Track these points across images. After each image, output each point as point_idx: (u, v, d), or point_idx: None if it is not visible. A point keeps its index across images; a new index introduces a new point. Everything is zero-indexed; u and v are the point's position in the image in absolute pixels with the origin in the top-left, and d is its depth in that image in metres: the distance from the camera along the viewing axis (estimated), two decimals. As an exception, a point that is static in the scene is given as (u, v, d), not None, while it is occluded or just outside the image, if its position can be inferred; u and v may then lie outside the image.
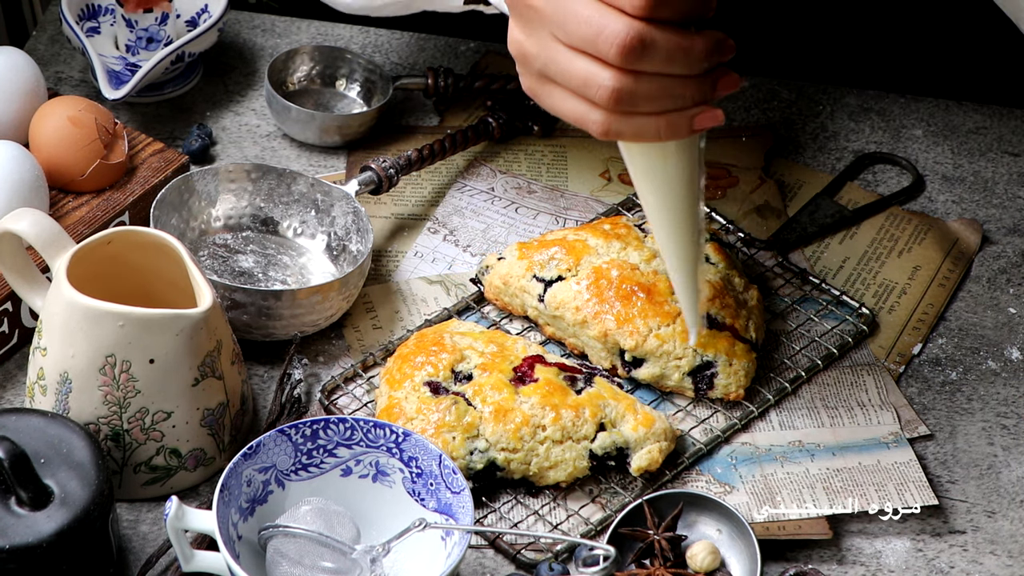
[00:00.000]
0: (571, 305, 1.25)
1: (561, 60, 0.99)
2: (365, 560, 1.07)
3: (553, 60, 0.99)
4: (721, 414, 1.25)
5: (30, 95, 1.33)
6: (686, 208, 1.06)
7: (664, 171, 1.04)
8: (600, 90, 0.98)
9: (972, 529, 1.19)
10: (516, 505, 1.18)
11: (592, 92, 0.98)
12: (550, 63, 1.00)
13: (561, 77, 1.00)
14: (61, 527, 1.04)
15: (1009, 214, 1.44)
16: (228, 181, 1.33)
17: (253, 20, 1.57)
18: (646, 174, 1.05)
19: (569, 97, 1.00)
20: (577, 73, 0.98)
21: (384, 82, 1.47)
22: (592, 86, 0.98)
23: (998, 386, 1.29)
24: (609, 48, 0.96)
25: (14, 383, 1.24)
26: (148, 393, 1.12)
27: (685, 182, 1.05)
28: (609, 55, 0.96)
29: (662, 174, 1.04)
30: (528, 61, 1.02)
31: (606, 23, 0.96)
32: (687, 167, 1.04)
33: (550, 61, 1.00)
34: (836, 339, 1.30)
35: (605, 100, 0.98)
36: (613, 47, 0.96)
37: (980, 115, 1.53)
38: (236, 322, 1.23)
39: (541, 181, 1.43)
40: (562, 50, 0.99)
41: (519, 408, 1.17)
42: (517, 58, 1.03)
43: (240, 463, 1.09)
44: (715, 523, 1.15)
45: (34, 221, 1.14)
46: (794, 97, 1.54)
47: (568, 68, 0.99)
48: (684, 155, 1.04)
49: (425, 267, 1.35)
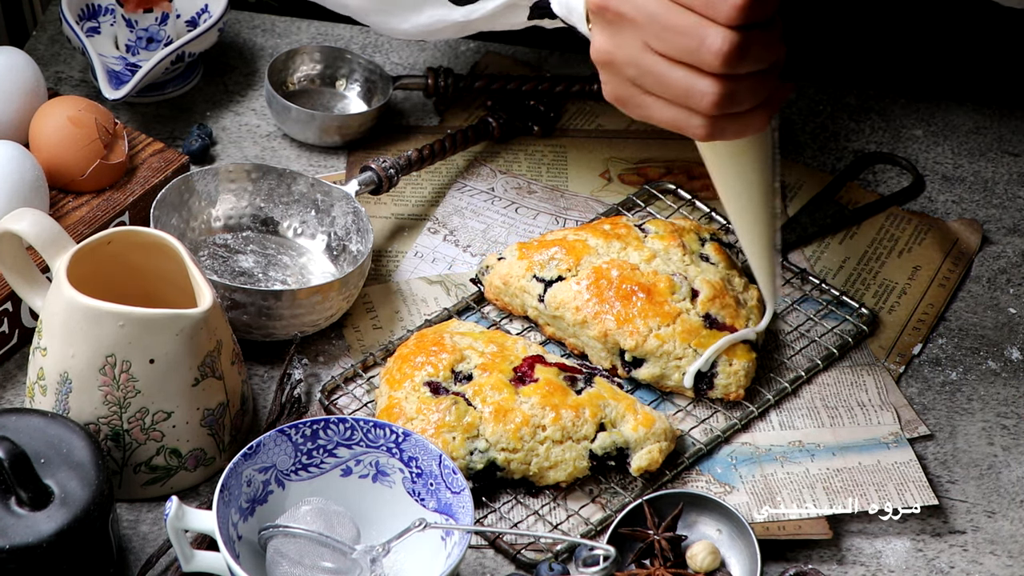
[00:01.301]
0: (571, 305, 1.25)
1: (658, 71, 1.01)
2: (365, 560, 1.07)
3: (648, 71, 1.01)
4: (721, 414, 1.25)
5: (30, 95, 1.33)
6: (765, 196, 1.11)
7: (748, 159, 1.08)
8: (704, 98, 1.00)
9: (972, 529, 1.19)
10: (516, 505, 1.18)
11: (695, 102, 1.00)
12: (645, 74, 1.02)
13: (658, 88, 1.02)
14: (61, 527, 1.04)
15: (1009, 214, 1.44)
16: (228, 181, 1.33)
17: (253, 20, 1.57)
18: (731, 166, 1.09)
19: (666, 106, 1.03)
20: (677, 83, 1.00)
21: (384, 82, 1.47)
22: (695, 95, 1.00)
23: (998, 386, 1.29)
24: (713, 59, 0.98)
25: (14, 383, 1.24)
26: (148, 393, 1.12)
27: (767, 166, 1.09)
28: (712, 65, 0.99)
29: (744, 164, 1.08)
30: (618, 70, 1.03)
31: (705, 34, 0.98)
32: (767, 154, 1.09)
33: (645, 72, 1.01)
34: (836, 339, 1.30)
35: (709, 108, 1.00)
36: (716, 58, 0.98)
37: (980, 115, 1.53)
38: (236, 322, 1.23)
39: (541, 181, 1.43)
40: (658, 60, 1.01)
41: (519, 408, 1.17)
42: (603, 66, 1.04)
43: (240, 463, 1.09)
44: (715, 523, 1.15)
45: (34, 221, 1.14)
46: (794, 97, 1.54)
47: (667, 78, 1.01)
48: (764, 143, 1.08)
49: (425, 267, 1.35)
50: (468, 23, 1.31)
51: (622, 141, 1.47)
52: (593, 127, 1.49)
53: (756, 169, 1.09)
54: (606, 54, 1.03)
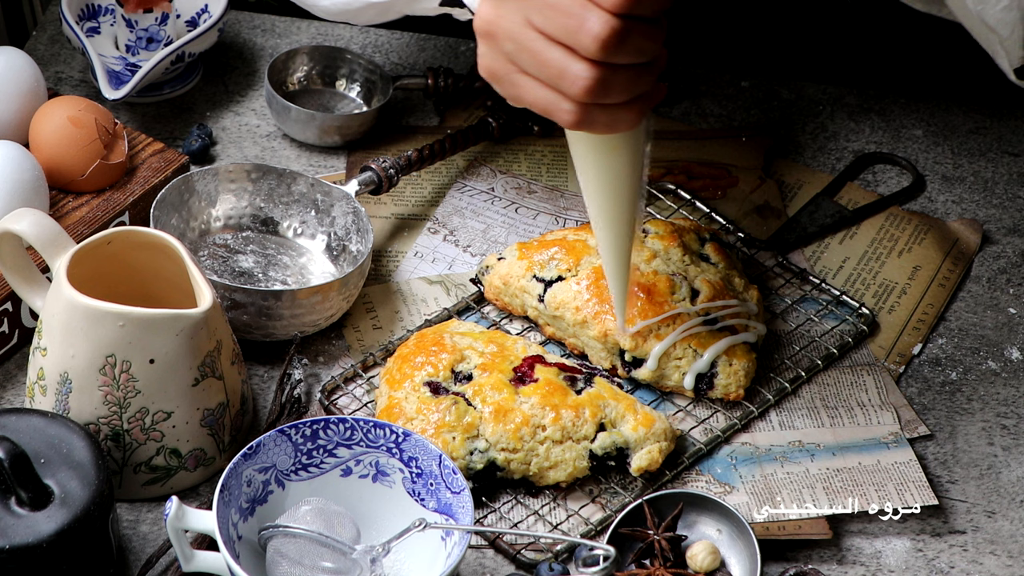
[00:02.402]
0: (571, 305, 1.25)
1: (535, 48, 0.98)
2: (365, 560, 1.07)
3: (526, 48, 0.99)
4: (721, 414, 1.25)
5: (30, 95, 1.33)
6: (630, 199, 1.07)
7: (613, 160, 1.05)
8: (577, 83, 0.98)
9: (972, 529, 1.19)
10: (516, 505, 1.18)
11: (568, 85, 0.98)
12: (522, 50, 0.99)
13: (533, 66, 0.99)
14: (61, 527, 1.04)
15: (1009, 214, 1.44)
16: (228, 181, 1.33)
17: (253, 20, 1.57)
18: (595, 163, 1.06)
19: (539, 87, 1.00)
20: (552, 63, 0.98)
21: (384, 82, 1.47)
22: (568, 78, 0.98)
23: (998, 386, 1.29)
24: (590, 42, 0.96)
25: (14, 383, 1.24)
26: (148, 393, 1.12)
27: (633, 170, 1.06)
28: (589, 49, 0.96)
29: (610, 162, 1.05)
30: (497, 42, 1.00)
31: (587, 16, 0.96)
32: (636, 155, 1.05)
33: (522, 48, 0.99)
34: (836, 339, 1.30)
35: (580, 93, 0.98)
36: (594, 41, 0.96)
37: (980, 115, 1.53)
38: (236, 322, 1.23)
39: (541, 181, 1.43)
40: (536, 38, 0.98)
41: (519, 408, 1.17)
42: (484, 36, 1.01)
43: (240, 463, 1.09)
44: (715, 523, 1.15)
45: (34, 221, 1.14)
46: (794, 97, 1.54)
47: (542, 58, 0.98)
48: (634, 143, 1.04)
49: (425, 267, 1.35)
50: (386, 4, 1.29)
51: (622, 141, 1.47)
52: (593, 127, 1.49)
53: (622, 169, 1.06)
54: (487, 24, 1.00)
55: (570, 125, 1.00)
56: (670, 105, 1.51)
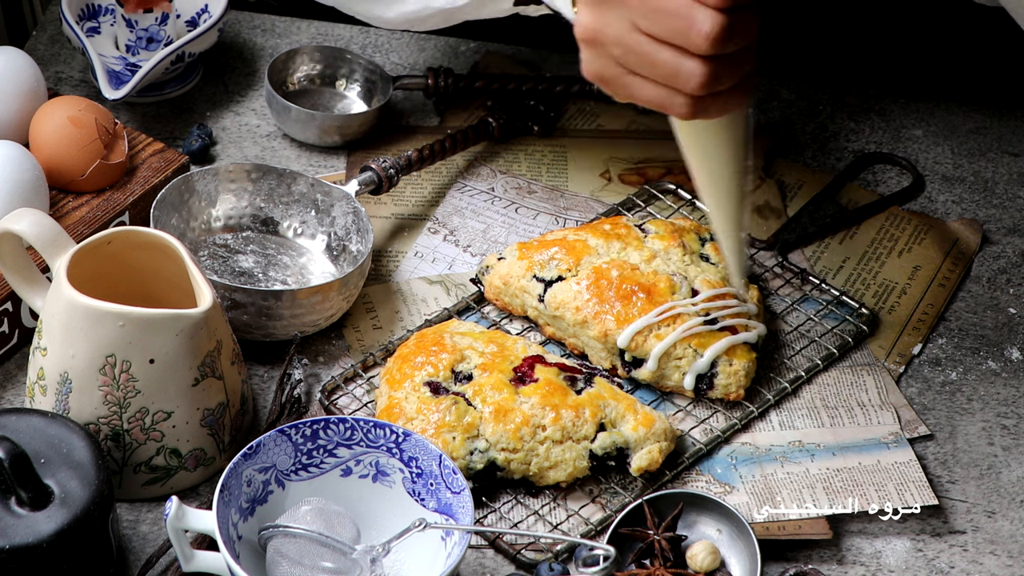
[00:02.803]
0: (571, 305, 1.25)
1: (645, 51, 1.02)
2: (365, 560, 1.07)
3: (635, 51, 1.02)
4: (721, 414, 1.25)
5: (30, 95, 1.33)
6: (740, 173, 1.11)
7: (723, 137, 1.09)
8: (692, 80, 1.01)
9: (972, 529, 1.19)
10: (516, 505, 1.18)
11: (682, 83, 1.02)
12: (630, 53, 1.03)
13: (645, 68, 1.03)
14: (61, 527, 1.04)
15: (1009, 214, 1.44)
16: (228, 181, 1.33)
17: (253, 20, 1.57)
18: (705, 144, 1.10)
19: (651, 85, 1.04)
20: (664, 64, 1.02)
21: (384, 82, 1.47)
22: (682, 76, 1.01)
23: (998, 386, 1.29)
24: (703, 41, 1.00)
25: (14, 383, 1.24)
26: (148, 393, 1.12)
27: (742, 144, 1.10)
28: (701, 47, 1.00)
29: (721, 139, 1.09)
30: (603, 49, 1.04)
31: (695, 16, 0.99)
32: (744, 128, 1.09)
33: (630, 51, 1.03)
34: (836, 339, 1.30)
35: (696, 89, 1.02)
36: (705, 40, 0.99)
37: (980, 115, 1.53)
38: (236, 322, 1.23)
39: (541, 181, 1.43)
40: (645, 40, 1.02)
41: (519, 408, 1.17)
42: (588, 43, 1.05)
43: (240, 463, 1.09)
44: (715, 523, 1.15)
45: (34, 221, 1.14)
46: (794, 97, 1.54)
47: (654, 59, 1.02)
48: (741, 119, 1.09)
49: (425, 267, 1.35)
50: (453, 11, 1.32)
51: (622, 141, 1.47)
52: (593, 127, 1.49)
53: (731, 147, 1.10)
54: (592, 32, 1.04)
55: (686, 117, 1.05)
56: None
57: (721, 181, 1.12)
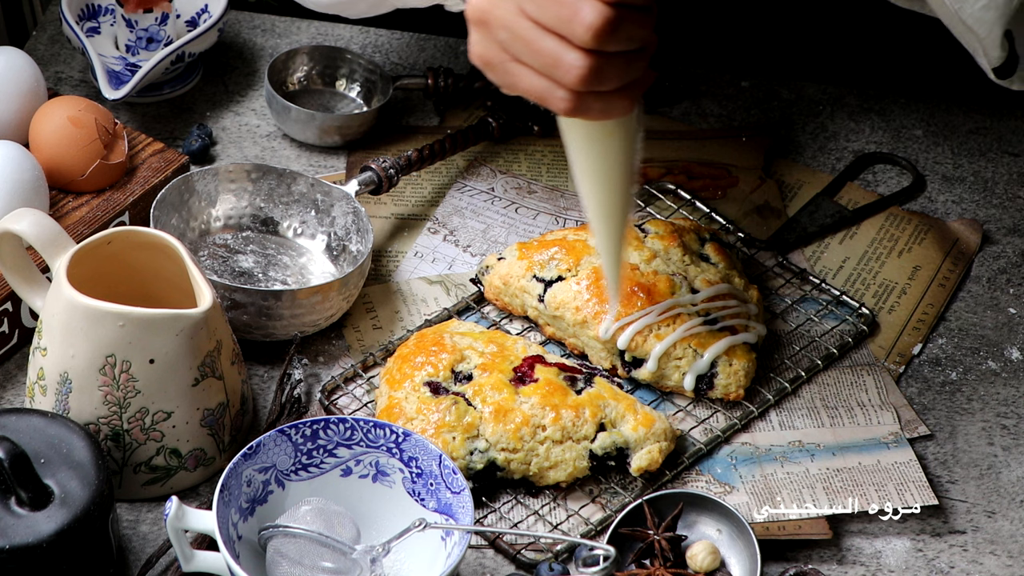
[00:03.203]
0: (571, 305, 1.25)
1: (529, 37, 0.99)
2: (365, 560, 1.07)
3: (520, 36, 0.99)
4: (721, 414, 1.25)
5: (30, 95, 1.33)
6: (624, 184, 1.08)
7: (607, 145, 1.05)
8: (571, 72, 0.98)
9: (972, 529, 1.19)
10: (516, 505, 1.18)
11: (562, 74, 0.99)
12: (516, 39, 1.00)
13: (527, 55, 1.00)
14: (61, 527, 1.04)
15: (1009, 214, 1.44)
16: (228, 181, 1.33)
17: (253, 20, 1.57)
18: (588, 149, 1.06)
19: (533, 75, 1.01)
20: (546, 52, 0.99)
21: (384, 82, 1.47)
22: (562, 67, 0.98)
23: (998, 386, 1.29)
24: (584, 32, 0.97)
25: (14, 383, 1.24)
26: (148, 393, 1.12)
27: (627, 156, 1.06)
28: (582, 38, 0.97)
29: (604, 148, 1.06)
30: (490, 30, 1.01)
31: (580, 6, 0.97)
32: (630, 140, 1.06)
33: (516, 37, 1.00)
34: (836, 339, 1.30)
35: (574, 82, 0.99)
36: (588, 31, 0.97)
37: (980, 115, 1.53)
38: (236, 322, 1.23)
39: (541, 181, 1.43)
40: (530, 27, 0.99)
41: (519, 408, 1.17)
42: (477, 24, 1.02)
43: (240, 463, 1.09)
44: (715, 523, 1.15)
45: (34, 221, 1.14)
46: (794, 97, 1.54)
47: (536, 47, 0.99)
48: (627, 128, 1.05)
49: (425, 267, 1.35)
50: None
51: (622, 141, 1.47)
52: (593, 127, 1.49)
53: (615, 154, 1.07)
54: (481, 12, 1.01)
55: (565, 112, 1.01)
56: (670, 105, 1.51)
57: (602, 189, 1.08)
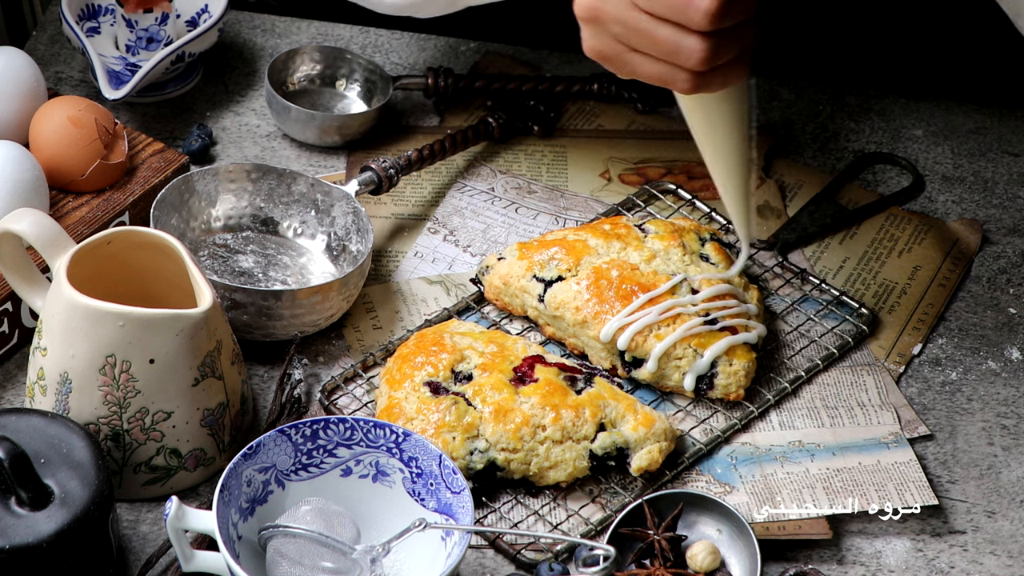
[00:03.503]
0: (571, 305, 1.25)
1: (645, 28, 1.03)
2: (365, 560, 1.07)
3: (635, 29, 1.04)
4: (721, 414, 1.25)
5: (30, 95, 1.33)
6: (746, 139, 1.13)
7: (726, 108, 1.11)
8: (692, 56, 1.03)
9: (972, 529, 1.19)
10: (516, 505, 1.18)
11: (683, 59, 1.03)
12: (631, 31, 1.04)
13: (645, 45, 1.04)
14: (61, 527, 1.04)
15: (1009, 214, 1.44)
16: (228, 181, 1.33)
17: (253, 20, 1.57)
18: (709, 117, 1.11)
19: (652, 62, 1.05)
20: (665, 41, 1.03)
21: (384, 82, 1.47)
22: (683, 52, 1.03)
23: (998, 386, 1.29)
24: (701, 18, 1.01)
25: (14, 383, 1.24)
26: (148, 393, 1.12)
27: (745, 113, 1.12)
28: (700, 24, 1.01)
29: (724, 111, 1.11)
30: (604, 26, 1.05)
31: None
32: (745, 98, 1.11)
33: (631, 29, 1.04)
34: (836, 339, 1.30)
35: (697, 64, 1.03)
36: (704, 17, 1.01)
37: (980, 115, 1.53)
38: (236, 322, 1.23)
39: (541, 181, 1.43)
40: (645, 18, 1.03)
41: (519, 408, 1.17)
42: (588, 22, 1.06)
43: (240, 463, 1.09)
44: (715, 523, 1.15)
45: (34, 221, 1.14)
46: (794, 97, 1.54)
47: (654, 36, 1.03)
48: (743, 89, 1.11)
49: (425, 267, 1.35)
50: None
51: (622, 141, 1.47)
52: (593, 127, 1.49)
53: (735, 117, 1.12)
54: (592, 10, 1.05)
55: (689, 91, 1.06)
56: (670, 105, 1.51)
57: (727, 151, 1.14)
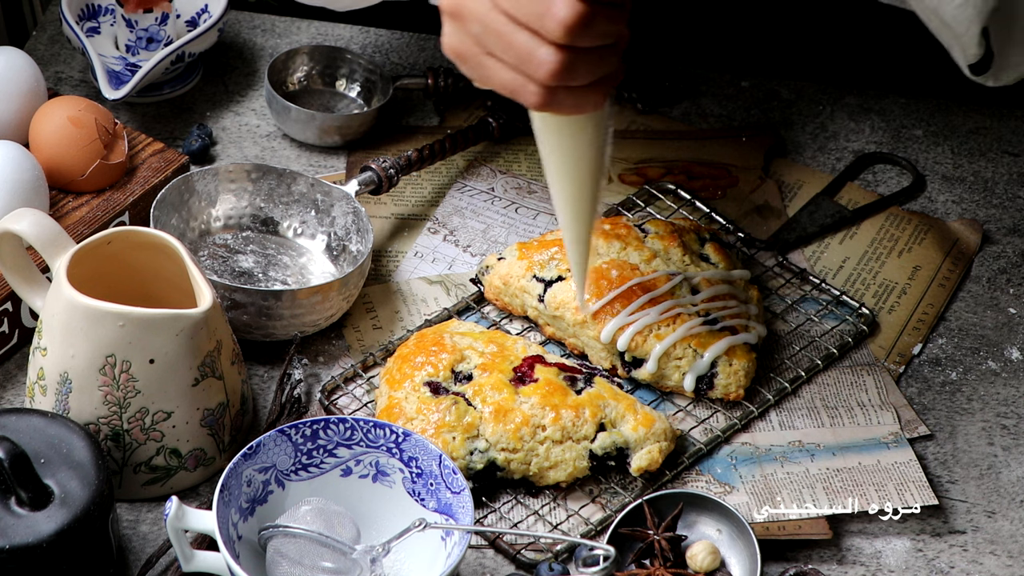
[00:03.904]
0: (571, 305, 1.25)
1: (502, 31, 0.99)
2: (365, 560, 1.07)
3: (493, 30, 1.00)
4: (721, 414, 1.25)
5: (30, 95, 1.33)
6: (594, 179, 1.08)
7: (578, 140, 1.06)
8: (543, 66, 0.99)
9: (972, 529, 1.19)
10: (516, 505, 1.18)
11: (534, 69, 0.99)
12: (489, 33, 1.00)
13: (500, 49, 1.00)
14: (61, 527, 1.04)
15: (1009, 214, 1.44)
16: (228, 181, 1.33)
17: (253, 20, 1.57)
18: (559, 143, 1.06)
19: (504, 69, 1.01)
20: (519, 47, 0.99)
21: (384, 82, 1.47)
22: (534, 62, 0.99)
23: (998, 386, 1.29)
24: (555, 27, 0.97)
25: (14, 383, 1.24)
26: (148, 393, 1.12)
27: (597, 151, 1.07)
28: (555, 34, 0.97)
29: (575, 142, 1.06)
30: (464, 23, 1.01)
31: (553, 1, 0.97)
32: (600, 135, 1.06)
33: (489, 31, 1.00)
34: (836, 339, 1.30)
35: (546, 76, 0.99)
36: (560, 26, 0.97)
37: (980, 115, 1.53)
38: (236, 322, 1.23)
39: (541, 181, 1.43)
40: (503, 21, 0.99)
41: (519, 408, 1.17)
42: (451, 16, 1.02)
43: (240, 463, 1.09)
44: (715, 523, 1.15)
45: (34, 221, 1.14)
46: (794, 97, 1.54)
47: (509, 41, 0.99)
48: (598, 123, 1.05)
49: (425, 267, 1.35)
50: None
51: (622, 141, 1.47)
52: (593, 127, 1.49)
53: (585, 150, 1.07)
54: (455, 5, 1.01)
55: (536, 107, 1.01)
56: (670, 105, 1.51)
57: (570, 185, 1.09)
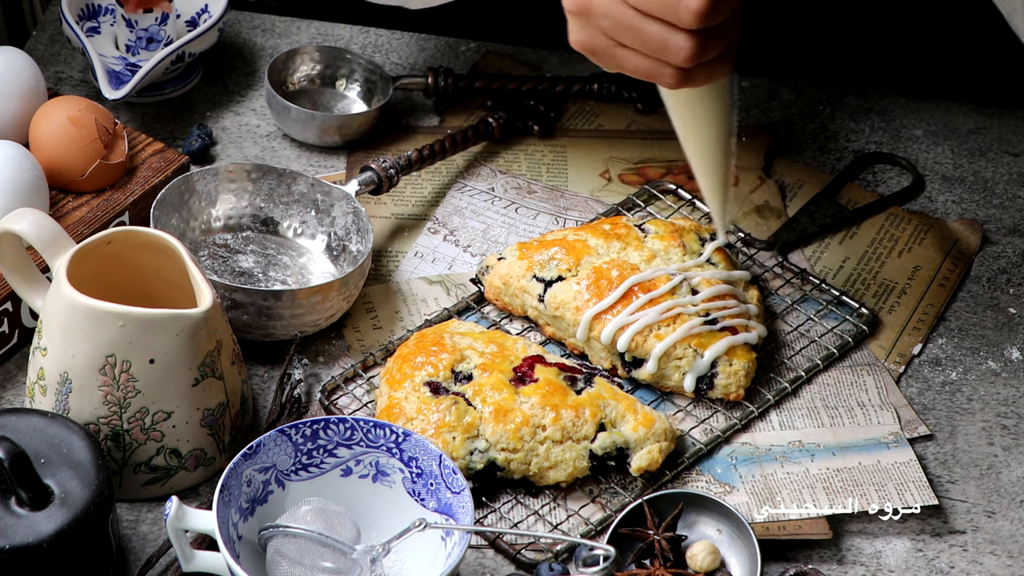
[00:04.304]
0: (571, 305, 1.25)
1: (634, 24, 1.04)
2: (365, 560, 1.07)
3: (623, 23, 1.05)
4: (721, 414, 1.25)
5: (30, 95, 1.33)
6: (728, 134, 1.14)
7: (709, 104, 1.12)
8: (680, 52, 1.04)
9: (972, 529, 1.19)
10: (516, 505, 1.18)
11: (670, 55, 1.04)
12: (619, 26, 1.05)
13: (633, 40, 1.05)
14: (61, 527, 1.04)
15: (1009, 214, 1.44)
16: (228, 181, 1.33)
17: (253, 20, 1.57)
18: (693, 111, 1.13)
19: (639, 57, 1.06)
20: (652, 37, 1.04)
21: (384, 82, 1.47)
22: (670, 49, 1.04)
23: (998, 386, 1.29)
24: (690, 17, 1.02)
25: (14, 383, 1.24)
26: (148, 393, 1.12)
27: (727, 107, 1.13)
28: (688, 22, 1.03)
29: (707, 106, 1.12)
30: (592, 20, 1.06)
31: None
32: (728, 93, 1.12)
33: (619, 24, 1.05)
34: (836, 339, 1.30)
35: (684, 61, 1.05)
36: (693, 15, 1.02)
37: (980, 115, 1.53)
38: (236, 322, 1.23)
39: (541, 181, 1.43)
40: (634, 14, 1.04)
41: (519, 408, 1.17)
42: (577, 15, 1.07)
43: (240, 463, 1.09)
44: (715, 523, 1.15)
45: (34, 221, 1.14)
46: (794, 97, 1.54)
47: (641, 32, 1.04)
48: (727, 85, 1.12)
49: (425, 267, 1.35)
50: None
51: (622, 141, 1.47)
52: (593, 127, 1.49)
53: (717, 112, 1.13)
54: (581, 3, 1.06)
55: (674, 87, 1.07)
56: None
57: (709, 145, 1.15)
